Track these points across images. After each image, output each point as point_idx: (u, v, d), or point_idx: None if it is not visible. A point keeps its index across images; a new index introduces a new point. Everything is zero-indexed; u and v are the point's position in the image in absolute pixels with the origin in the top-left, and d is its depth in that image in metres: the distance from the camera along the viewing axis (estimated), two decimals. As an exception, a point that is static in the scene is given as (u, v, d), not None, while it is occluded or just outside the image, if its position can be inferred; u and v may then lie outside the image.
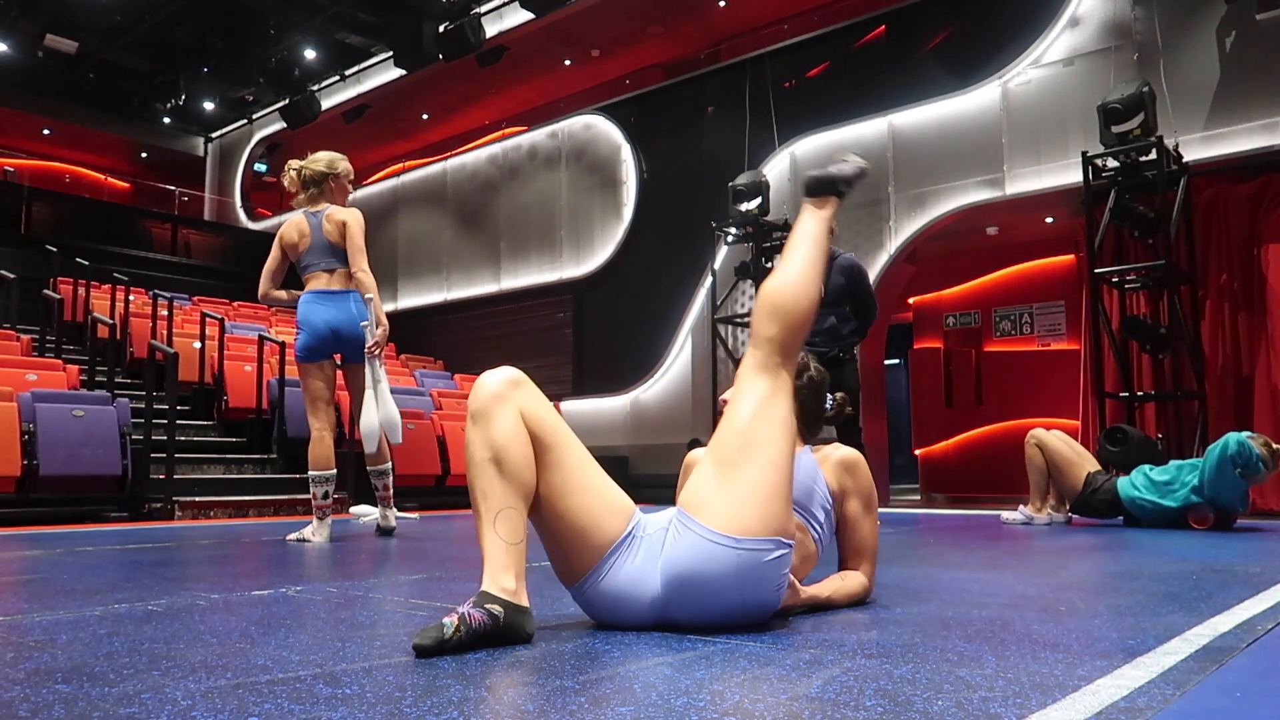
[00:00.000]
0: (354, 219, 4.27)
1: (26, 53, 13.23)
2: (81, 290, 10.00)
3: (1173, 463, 4.91)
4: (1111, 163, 6.88)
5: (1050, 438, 5.19)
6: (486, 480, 1.69)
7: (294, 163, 4.40)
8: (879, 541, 2.22)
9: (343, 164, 4.44)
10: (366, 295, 4.15)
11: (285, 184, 4.43)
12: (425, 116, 14.73)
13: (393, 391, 4.26)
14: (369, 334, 4.13)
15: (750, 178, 8.56)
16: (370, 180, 14.44)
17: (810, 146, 9.03)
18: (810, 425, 2.22)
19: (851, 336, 4.56)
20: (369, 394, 4.12)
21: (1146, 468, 4.91)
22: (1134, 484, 4.82)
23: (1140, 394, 7.05)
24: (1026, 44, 7.83)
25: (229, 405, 8.14)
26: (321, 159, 4.39)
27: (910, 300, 10.25)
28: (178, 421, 6.84)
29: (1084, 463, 5.06)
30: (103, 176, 16.56)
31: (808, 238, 1.98)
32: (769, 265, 8.36)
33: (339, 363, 4.38)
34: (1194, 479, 4.59)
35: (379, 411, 4.12)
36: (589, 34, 12.06)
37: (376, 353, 4.13)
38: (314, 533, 4.10)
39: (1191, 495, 4.57)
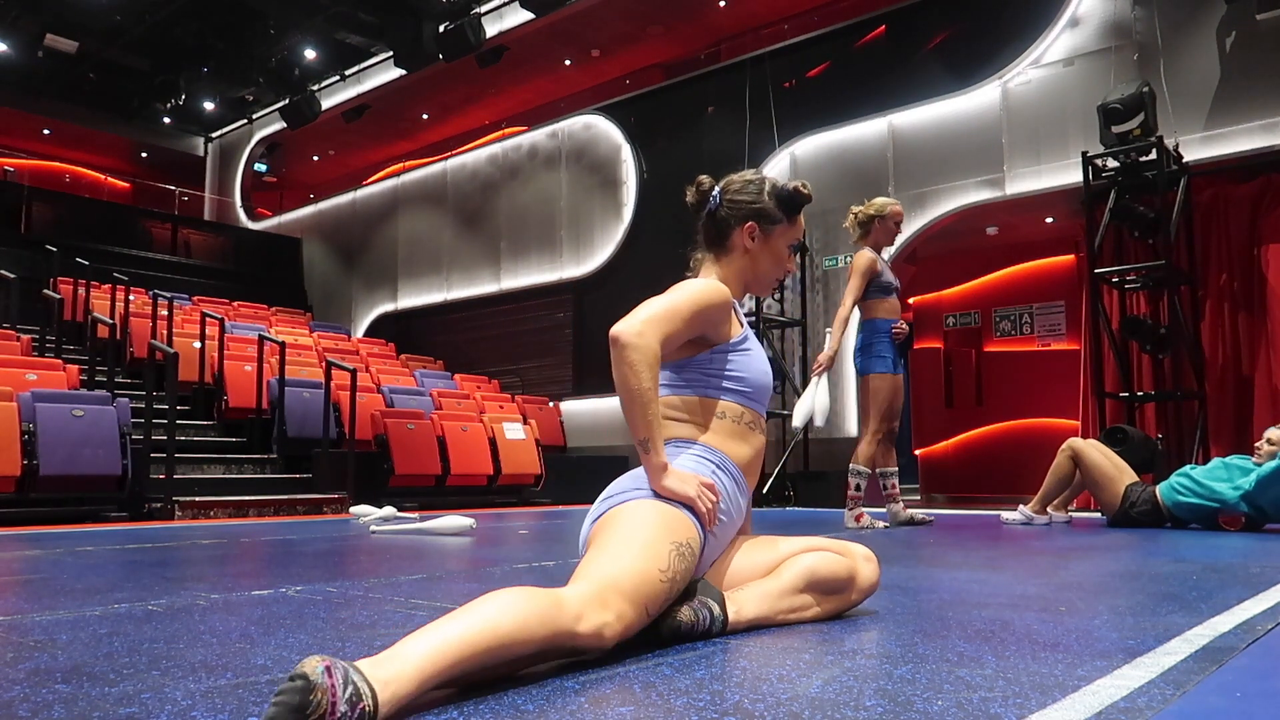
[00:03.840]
0: (859, 260, 4.73)
1: (26, 53, 13.23)
2: (81, 290, 10.00)
3: (1217, 460, 4.74)
4: (1111, 163, 6.88)
5: (1089, 450, 4.95)
6: None
7: (854, 208, 4.93)
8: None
9: (891, 207, 4.87)
10: (828, 328, 4.68)
11: (845, 225, 4.98)
12: (425, 116, 14.72)
13: (392, 391, 4.27)
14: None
15: (750, 178, 8.55)
16: (370, 180, 14.43)
17: (810, 146, 9.02)
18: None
19: None
20: (807, 391, 4.48)
21: (1189, 468, 4.74)
22: (1175, 487, 4.63)
23: (1140, 394, 7.04)
24: (1026, 44, 7.83)
25: (229, 405, 8.14)
26: (874, 204, 4.87)
27: (910, 300, 10.24)
28: (178, 421, 6.84)
29: (1123, 476, 4.87)
30: (103, 176, 16.55)
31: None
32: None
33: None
34: (1247, 483, 4.37)
35: (811, 402, 4.39)
36: (589, 34, 12.06)
37: (815, 370, 4.53)
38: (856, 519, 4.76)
39: (1241, 501, 4.38)
